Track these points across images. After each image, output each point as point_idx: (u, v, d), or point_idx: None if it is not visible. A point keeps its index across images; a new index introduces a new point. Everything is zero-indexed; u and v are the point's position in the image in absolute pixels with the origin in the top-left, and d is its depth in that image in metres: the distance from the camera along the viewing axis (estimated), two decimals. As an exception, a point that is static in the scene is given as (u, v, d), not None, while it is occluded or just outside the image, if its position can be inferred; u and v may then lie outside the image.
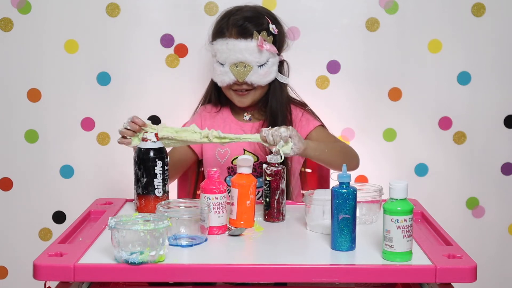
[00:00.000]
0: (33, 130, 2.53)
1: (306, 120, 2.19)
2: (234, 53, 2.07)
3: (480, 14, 2.52)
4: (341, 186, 1.57)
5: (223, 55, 2.09)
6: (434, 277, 1.46)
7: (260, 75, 2.09)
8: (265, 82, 2.12)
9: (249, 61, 2.07)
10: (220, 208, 1.70)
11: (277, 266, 1.48)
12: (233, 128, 2.19)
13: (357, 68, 2.55)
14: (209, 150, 2.20)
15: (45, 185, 2.56)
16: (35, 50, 2.50)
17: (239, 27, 2.09)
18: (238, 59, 2.07)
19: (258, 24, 2.11)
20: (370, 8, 2.51)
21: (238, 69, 2.08)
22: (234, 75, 2.09)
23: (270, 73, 2.11)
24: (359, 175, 2.57)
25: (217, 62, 2.11)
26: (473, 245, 2.50)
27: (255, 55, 2.07)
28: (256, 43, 2.07)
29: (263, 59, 2.09)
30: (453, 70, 2.55)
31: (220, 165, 2.18)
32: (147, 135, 1.82)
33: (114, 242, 1.47)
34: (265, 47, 2.07)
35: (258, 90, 2.15)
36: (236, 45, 2.07)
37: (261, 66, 2.09)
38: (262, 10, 2.19)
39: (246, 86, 2.12)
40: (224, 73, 2.10)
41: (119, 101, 2.53)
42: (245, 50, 2.07)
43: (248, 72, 2.08)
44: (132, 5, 2.50)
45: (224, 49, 2.09)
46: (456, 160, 2.59)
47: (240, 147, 2.17)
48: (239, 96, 2.15)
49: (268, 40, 2.10)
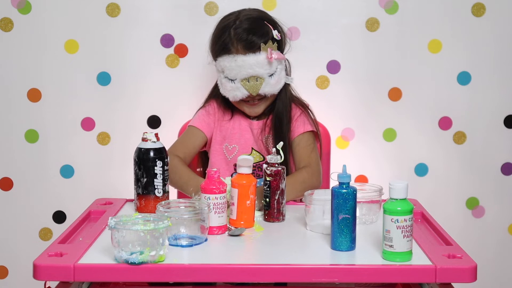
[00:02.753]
0: (33, 130, 2.53)
1: (301, 122, 2.18)
2: (245, 69, 2.04)
3: (480, 14, 2.52)
4: (341, 186, 1.57)
5: (233, 72, 2.05)
6: (434, 277, 1.46)
7: (271, 85, 2.08)
8: (277, 90, 2.11)
9: (260, 74, 2.05)
10: (220, 208, 1.70)
11: (277, 266, 1.48)
12: (243, 126, 2.19)
13: (357, 68, 2.55)
14: (216, 144, 2.20)
15: (45, 185, 2.56)
16: (35, 50, 2.50)
17: (245, 42, 2.05)
18: (249, 74, 2.04)
19: (263, 34, 2.07)
20: (370, 8, 2.51)
21: (250, 83, 2.06)
22: (247, 89, 2.06)
23: (280, 79, 2.10)
24: (359, 175, 2.58)
25: (226, 78, 2.08)
26: (473, 245, 2.50)
27: (265, 67, 2.05)
28: (265, 55, 2.04)
29: (273, 69, 2.07)
30: (453, 70, 2.55)
31: (226, 161, 2.18)
32: (147, 135, 1.82)
33: (114, 242, 1.47)
34: (274, 57, 2.05)
35: (269, 98, 2.14)
36: (246, 61, 2.04)
37: (271, 75, 2.07)
38: (261, 16, 2.15)
39: (259, 97, 2.11)
40: (235, 89, 2.07)
41: (119, 101, 2.53)
42: (255, 64, 2.04)
43: (260, 85, 2.06)
44: (132, 5, 2.50)
45: (233, 66, 2.05)
46: (456, 160, 2.59)
47: (248, 145, 2.17)
48: (251, 106, 2.14)
49: (274, 48, 2.07)
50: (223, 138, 2.20)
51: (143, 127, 2.53)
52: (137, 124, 2.54)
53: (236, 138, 2.19)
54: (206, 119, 2.21)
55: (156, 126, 2.55)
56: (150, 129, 2.52)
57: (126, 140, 2.52)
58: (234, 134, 2.19)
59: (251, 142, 2.18)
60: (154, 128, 2.54)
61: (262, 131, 2.17)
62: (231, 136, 2.20)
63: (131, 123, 2.54)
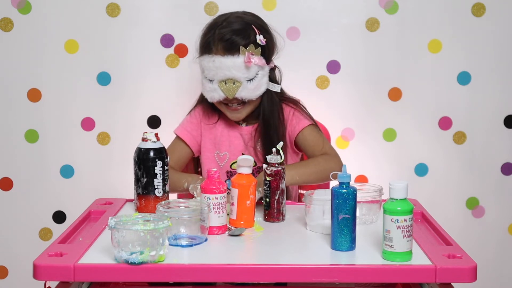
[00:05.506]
0: (33, 130, 2.54)
1: (297, 120, 2.14)
2: (222, 70, 2.01)
3: (480, 14, 2.52)
4: (341, 186, 1.57)
5: (211, 72, 2.03)
6: (434, 277, 1.46)
7: (249, 90, 2.04)
8: (255, 96, 2.06)
9: (237, 77, 2.01)
10: (220, 208, 1.70)
11: (277, 266, 1.48)
12: (232, 133, 2.18)
13: (357, 68, 2.55)
14: (207, 152, 2.19)
15: (45, 185, 2.56)
16: (35, 50, 2.50)
17: (226, 42, 2.02)
18: (226, 76, 2.01)
19: (245, 37, 2.03)
20: (370, 8, 2.51)
21: (227, 86, 2.03)
22: (224, 92, 2.03)
23: (260, 86, 2.06)
24: (359, 175, 2.58)
25: (206, 78, 2.06)
26: (473, 245, 2.50)
27: (242, 71, 2.01)
28: (243, 59, 2.01)
29: (252, 73, 2.03)
30: (453, 70, 2.55)
31: (218, 168, 2.17)
32: (147, 135, 1.82)
33: (114, 242, 1.47)
34: (253, 62, 2.01)
35: (251, 104, 2.10)
36: (223, 63, 2.01)
37: (250, 80, 2.03)
38: (250, 19, 2.09)
39: (236, 101, 2.07)
40: (213, 90, 2.04)
41: (119, 101, 2.53)
42: (232, 67, 2.00)
43: (237, 89, 2.03)
44: (132, 5, 2.50)
45: (211, 66, 2.02)
46: (456, 160, 2.59)
47: (238, 151, 2.16)
48: (232, 111, 2.11)
49: (256, 53, 2.03)
50: (213, 145, 2.18)
51: (143, 127, 2.53)
52: (137, 124, 2.54)
53: (226, 145, 2.17)
54: (189, 128, 2.19)
55: (156, 126, 2.55)
56: (150, 129, 2.52)
57: (126, 140, 2.52)
58: (224, 142, 2.17)
59: (241, 148, 2.16)
60: (154, 128, 2.54)
61: (253, 137, 2.15)
62: (220, 143, 2.17)
63: (131, 123, 2.54)
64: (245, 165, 1.77)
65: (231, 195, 1.77)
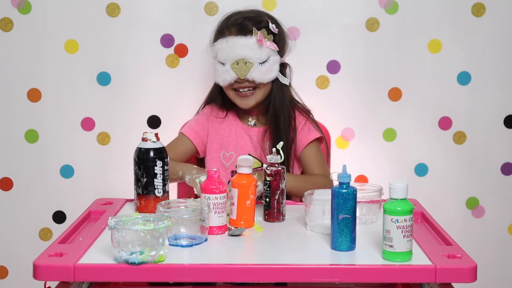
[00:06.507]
0: (33, 130, 2.53)
1: (308, 130, 2.20)
2: (234, 49, 2.08)
3: (480, 14, 2.52)
4: (341, 186, 1.57)
5: (224, 54, 2.09)
6: (434, 277, 1.46)
7: (261, 72, 2.09)
8: (267, 80, 2.12)
9: (250, 57, 2.08)
10: (220, 208, 1.70)
11: (277, 266, 1.48)
12: (239, 133, 2.19)
13: (357, 68, 2.55)
14: (213, 152, 2.20)
15: (45, 185, 2.56)
16: (35, 50, 2.50)
17: (239, 25, 2.11)
18: (238, 55, 2.08)
19: (257, 22, 2.12)
20: (370, 8, 2.51)
21: (239, 66, 2.08)
22: (235, 72, 2.09)
23: (272, 71, 2.12)
24: (359, 175, 2.58)
25: (219, 63, 2.12)
26: (473, 245, 2.50)
27: (255, 51, 2.08)
28: (255, 39, 2.08)
29: (264, 55, 2.09)
30: (453, 70, 2.55)
31: (224, 168, 2.18)
32: (147, 135, 1.82)
33: (114, 242, 1.47)
34: (265, 43, 2.08)
35: (261, 90, 2.14)
36: (236, 42, 2.08)
37: (262, 63, 2.09)
38: (262, 12, 2.22)
39: (247, 84, 2.12)
40: (225, 72, 2.10)
41: (119, 101, 2.53)
42: (245, 46, 2.07)
43: (249, 69, 2.08)
44: (132, 5, 2.50)
45: (224, 47, 2.09)
46: (456, 160, 2.59)
47: (245, 152, 2.17)
48: (242, 98, 2.15)
49: (268, 38, 2.10)
50: (219, 146, 2.21)
51: (143, 127, 2.53)
52: (137, 124, 2.53)
53: (232, 145, 2.19)
54: (196, 128, 2.23)
55: (156, 126, 2.55)
56: (150, 129, 2.52)
57: (126, 140, 2.52)
58: (231, 142, 2.20)
59: (248, 148, 2.18)
60: (154, 128, 2.54)
61: (263, 137, 2.17)
62: (227, 144, 2.20)
63: (131, 123, 2.54)
64: (245, 165, 1.77)
65: (231, 195, 1.77)
